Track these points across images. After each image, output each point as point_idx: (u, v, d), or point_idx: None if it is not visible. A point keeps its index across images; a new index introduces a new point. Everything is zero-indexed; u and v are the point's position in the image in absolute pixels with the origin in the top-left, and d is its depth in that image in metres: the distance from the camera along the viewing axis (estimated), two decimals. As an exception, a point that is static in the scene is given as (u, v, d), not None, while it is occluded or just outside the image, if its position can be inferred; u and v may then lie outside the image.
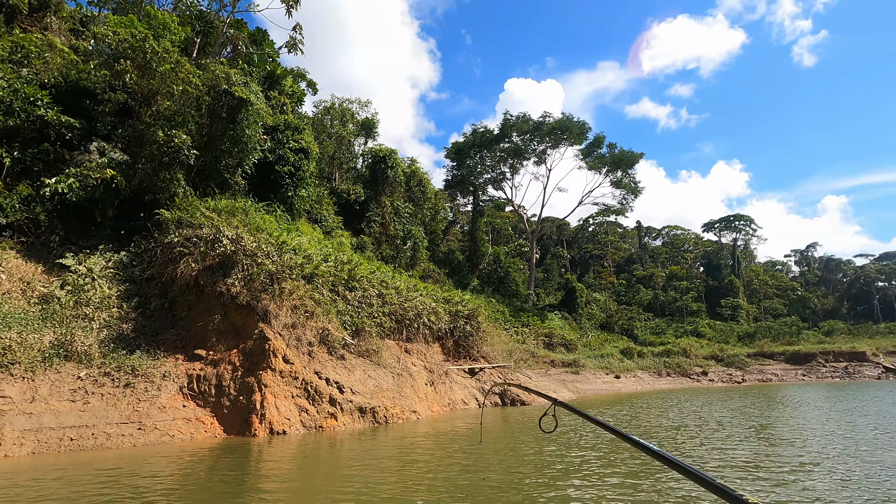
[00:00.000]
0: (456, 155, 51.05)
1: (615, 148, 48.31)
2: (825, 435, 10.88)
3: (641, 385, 34.92)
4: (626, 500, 6.07)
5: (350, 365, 12.80)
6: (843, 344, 44.33)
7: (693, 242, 77.69)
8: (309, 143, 20.55)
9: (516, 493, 6.35)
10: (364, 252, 30.76)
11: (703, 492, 6.40)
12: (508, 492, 6.44)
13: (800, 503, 5.86)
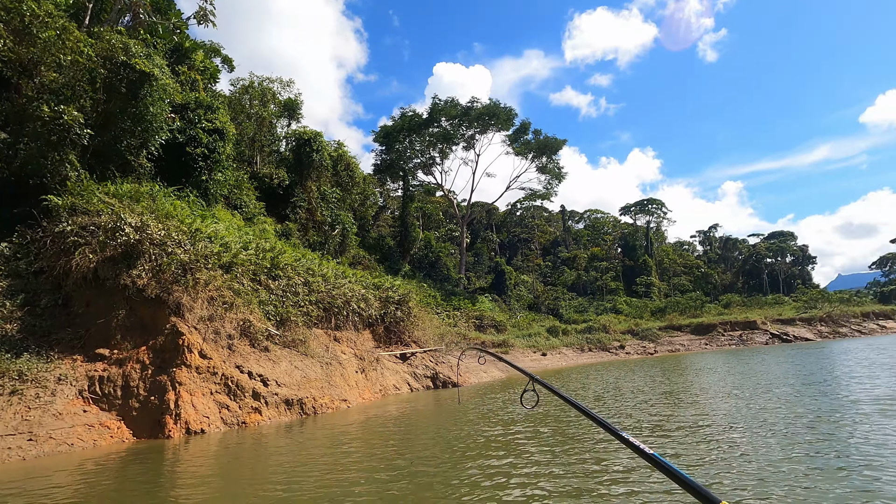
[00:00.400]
0: (385, 139, 50.23)
1: (540, 134, 49.86)
2: (719, 395, 12.09)
3: (566, 361, 36.88)
4: (558, 472, 6.36)
5: (275, 356, 12.29)
6: (739, 315, 49.45)
7: (612, 225, 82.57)
8: (224, 124, 19.19)
9: (448, 471, 6.45)
10: (290, 239, 29.54)
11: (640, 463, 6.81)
12: (437, 474, 6.52)
13: (696, 454, 6.46)
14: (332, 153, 38.46)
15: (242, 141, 36.26)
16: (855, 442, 6.71)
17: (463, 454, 7.50)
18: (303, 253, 18.68)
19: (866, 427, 7.54)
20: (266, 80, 41.15)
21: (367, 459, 7.48)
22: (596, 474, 6.02)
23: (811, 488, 5.01)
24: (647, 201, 78.42)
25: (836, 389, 11.70)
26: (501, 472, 6.42)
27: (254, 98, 37.99)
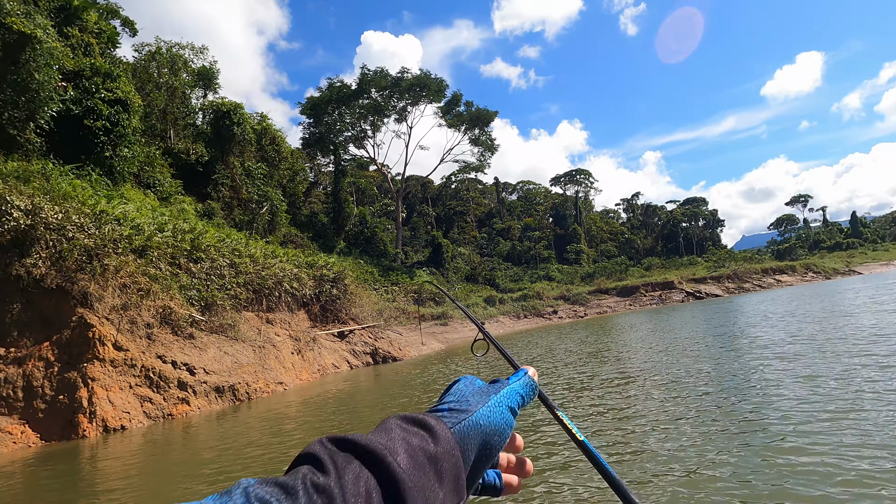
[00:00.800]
0: (312, 111, 48.01)
1: (472, 106, 49.83)
2: (639, 352, 13.03)
3: (504, 328, 38.14)
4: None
5: (202, 343, 11.64)
6: (658, 276, 53.29)
7: (543, 195, 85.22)
8: (128, 94, 17.35)
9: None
10: (213, 219, 27.80)
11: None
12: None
13: (618, 405, 6.94)
14: (256, 126, 36.23)
15: (153, 113, 33.22)
16: (754, 382, 7.49)
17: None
18: (227, 233, 17.61)
19: (761, 368, 8.44)
20: (176, 47, 37.74)
21: (308, 440, 7.34)
22: (532, 444, 6.30)
23: (718, 421, 5.55)
24: (576, 172, 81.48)
25: (737, 338, 12.98)
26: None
27: (162, 66, 34.73)
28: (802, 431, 5.02)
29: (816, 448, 4.50)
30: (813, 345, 10.05)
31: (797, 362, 8.47)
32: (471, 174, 66.77)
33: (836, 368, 7.55)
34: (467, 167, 55.92)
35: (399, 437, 0.51)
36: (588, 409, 7.22)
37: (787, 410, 5.79)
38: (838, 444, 4.53)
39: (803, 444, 4.67)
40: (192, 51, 39.16)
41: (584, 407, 7.41)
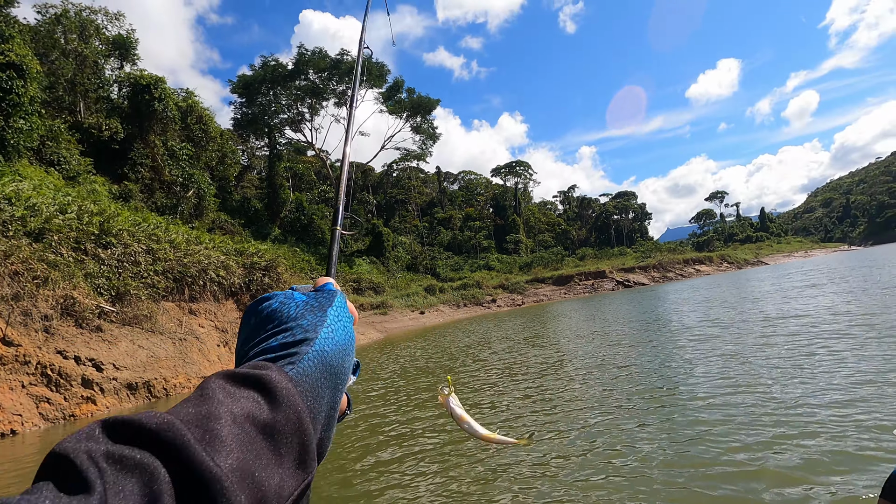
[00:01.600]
0: (244, 90, 45.40)
1: (414, 93, 49.23)
2: (570, 338, 13.47)
3: (443, 317, 38.33)
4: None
5: (111, 337, 10.63)
6: (591, 266, 55.69)
7: (484, 186, 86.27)
8: (23, 58, 15.36)
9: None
10: (130, 202, 25.62)
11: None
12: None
13: (554, 388, 7.07)
14: (181, 103, 33.63)
15: (59, 84, 29.93)
16: (671, 363, 7.90)
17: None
18: (144, 217, 16.20)
19: (677, 350, 8.94)
20: (86, 11, 34.12)
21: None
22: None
23: (642, 391, 5.76)
24: (516, 163, 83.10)
25: (659, 324, 13.74)
26: (372, 426, 6.34)
27: (70, 31, 31.26)
28: (710, 404, 5.31)
29: (716, 418, 4.76)
30: (724, 328, 10.79)
31: (710, 343, 9.05)
32: (412, 162, 66.27)
33: (741, 349, 8.12)
34: (409, 155, 55.39)
35: (220, 406, 0.37)
36: (519, 393, 7.29)
37: (695, 385, 6.12)
38: (737, 414, 4.81)
39: (707, 417, 4.93)
40: (106, 16, 35.67)
41: (517, 390, 7.48)
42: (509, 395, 7.38)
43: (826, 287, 17.14)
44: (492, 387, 8.17)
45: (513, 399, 7.14)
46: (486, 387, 8.22)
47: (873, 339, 7.44)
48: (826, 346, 7.51)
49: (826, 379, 5.80)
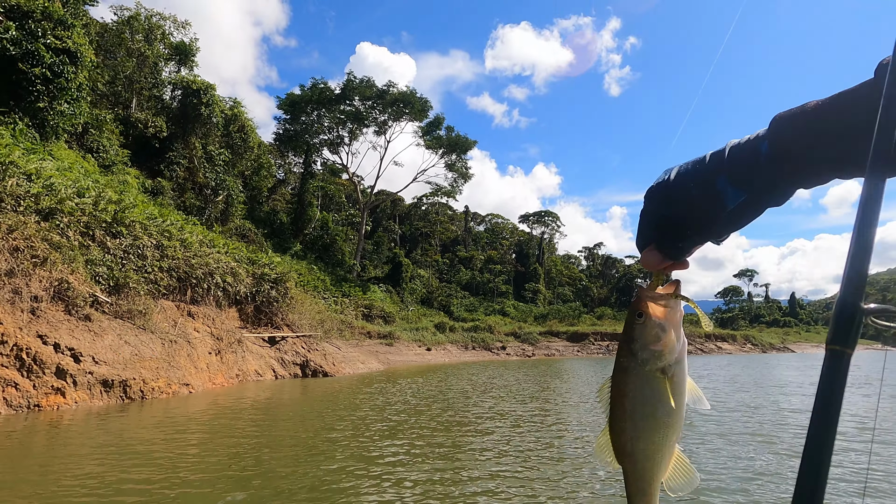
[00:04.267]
0: (290, 108, 46.85)
1: (452, 131, 49.93)
2: (572, 400, 12.46)
3: (449, 357, 37.18)
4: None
5: (98, 328, 10.23)
6: (609, 326, 53.89)
7: (510, 231, 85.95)
8: (80, 46, 15.92)
9: (302, 476, 5.45)
10: (159, 198, 26.01)
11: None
12: (289, 476, 5.49)
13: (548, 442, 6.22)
14: (227, 111, 34.72)
15: (118, 79, 31.34)
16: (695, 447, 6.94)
17: (315, 454, 6.54)
18: (163, 212, 16.16)
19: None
20: (156, 16, 36.11)
21: (182, 458, 6.20)
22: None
23: None
24: (545, 213, 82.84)
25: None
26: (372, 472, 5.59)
27: (137, 32, 32.99)
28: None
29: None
30: (737, 413, 9.71)
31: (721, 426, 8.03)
32: (442, 198, 66.62)
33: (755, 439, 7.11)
34: (439, 191, 55.65)
35: None
36: (511, 444, 6.44)
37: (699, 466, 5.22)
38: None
39: None
40: (174, 23, 37.64)
41: (507, 441, 6.63)
42: (497, 443, 6.54)
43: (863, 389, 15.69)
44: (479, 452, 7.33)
45: (492, 445, 6.30)
46: (475, 447, 7.38)
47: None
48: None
49: None
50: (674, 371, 0.64)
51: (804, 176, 0.56)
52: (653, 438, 0.64)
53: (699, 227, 0.64)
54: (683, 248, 0.67)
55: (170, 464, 5.95)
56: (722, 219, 0.62)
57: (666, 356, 0.64)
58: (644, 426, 0.64)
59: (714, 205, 0.61)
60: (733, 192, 0.60)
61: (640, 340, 0.64)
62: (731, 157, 0.60)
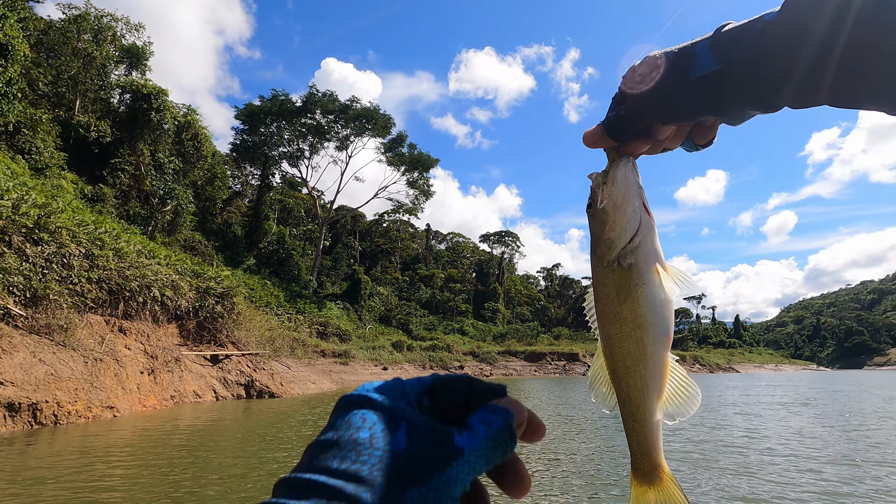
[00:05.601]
0: (248, 118, 45.66)
1: (415, 149, 49.99)
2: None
3: (406, 377, 36.35)
4: None
5: (9, 344, 9.18)
6: (566, 346, 54.56)
7: (471, 250, 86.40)
8: (12, 39, 14.79)
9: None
10: (98, 205, 24.42)
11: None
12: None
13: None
14: (179, 118, 33.32)
15: (61, 80, 29.54)
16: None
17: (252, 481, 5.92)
18: (95, 218, 14.99)
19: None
20: (108, 17, 34.53)
21: (84, 493, 5.47)
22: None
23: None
24: (505, 234, 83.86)
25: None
26: None
27: (84, 31, 31.35)
28: None
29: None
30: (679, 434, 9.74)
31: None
32: (403, 216, 66.26)
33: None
34: (400, 208, 55.30)
35: None
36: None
37: None
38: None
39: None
40: (127, 25, 36.11)
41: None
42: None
43: (807, 410, 16.29)
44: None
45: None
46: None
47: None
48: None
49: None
50: (632, 259, 0.54)
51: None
52: (626, 346, 0.55)
53: (651, 94, 0.52)
54: (623, 120, 0.54)
55: (66, 500, 5.22)
56: (679, 88, 0.50)
57: (615, 241, 0.54)
58: (615, 332, 0.55)
59: (676, 68, 0.51)
60: (707, 58, 0.49)
61: (594, 234, 0.57)
62: (725, 27, 0.50)
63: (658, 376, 0.55)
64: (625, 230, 0.54)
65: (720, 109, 0.50)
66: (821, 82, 0.44)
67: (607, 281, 0.55)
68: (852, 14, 0.40)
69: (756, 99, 0.48)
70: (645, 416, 0.55)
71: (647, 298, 0.54)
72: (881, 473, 6.61)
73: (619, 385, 0.56)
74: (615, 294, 0.55)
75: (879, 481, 6.19)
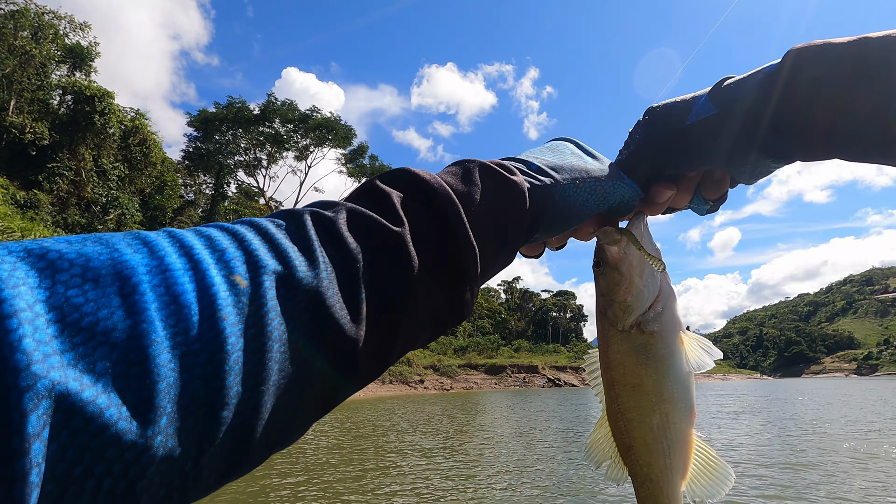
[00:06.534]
0: (202, 125, 44.08)
1: (377, 160, 49.68)
2: (490, 441, 12.11)
3: (364, 392, 35.58)
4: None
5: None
6: (525, 359, 55.07)
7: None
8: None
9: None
10: (31, 211, 22.77)
11: None
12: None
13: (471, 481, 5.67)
14: (126, 122, 31.68)
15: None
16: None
17: None
18: (25, 226, 13.85)
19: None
20: (49, 14, 32.65)
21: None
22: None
23: None
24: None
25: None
26: None
27: (21, 27, 29.48)
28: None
29: None
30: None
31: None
32: (364, 227, 65.30)
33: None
34: (361, 219, 54.49)
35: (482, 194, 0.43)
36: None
37: None
38: None
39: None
40: (71, 24, 34.26)
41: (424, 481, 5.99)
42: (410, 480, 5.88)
43: (755, 418, 16.94)
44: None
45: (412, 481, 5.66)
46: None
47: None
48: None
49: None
50: (655, 326, 0.50)
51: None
52: (648, 421, 0.50)
53: (650, 140, 0.51)
54: (623, 165, 0.54)
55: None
56: (676, 132, 0.49)
57: (634, 306, 0.50)
58: (634, 404, 0.50)
59: (674, 113, 0.50)
60: (704, 104, 0.49)
61: (605, 294, 0.53)
62: (726, 80, 0.50)
63: (684, 455, 0.51)
64: (642, 294, 0.50)
65: (724, 157, 0.48)
66: (814, 132, 0.43)
67: (624, 348, 0.51)
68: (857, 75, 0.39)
69: (755, 143, 0.47)
70: (668, 500, 0.50)
71: (675, 370, 0.50)
72: (815, 476, 6.84)
73: (637, 464, 0.51)
74: (635, 363, 0.50)
75: (813, 484, 6.40)
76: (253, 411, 0.27)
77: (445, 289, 0.39)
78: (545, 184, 0.47)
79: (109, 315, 0.23)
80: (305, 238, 0.33)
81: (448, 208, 0.39)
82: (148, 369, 0.23)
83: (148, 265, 0.25)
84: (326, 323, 0.31)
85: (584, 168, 0.50)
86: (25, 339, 0.20)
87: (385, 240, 0.36)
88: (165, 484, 0.24)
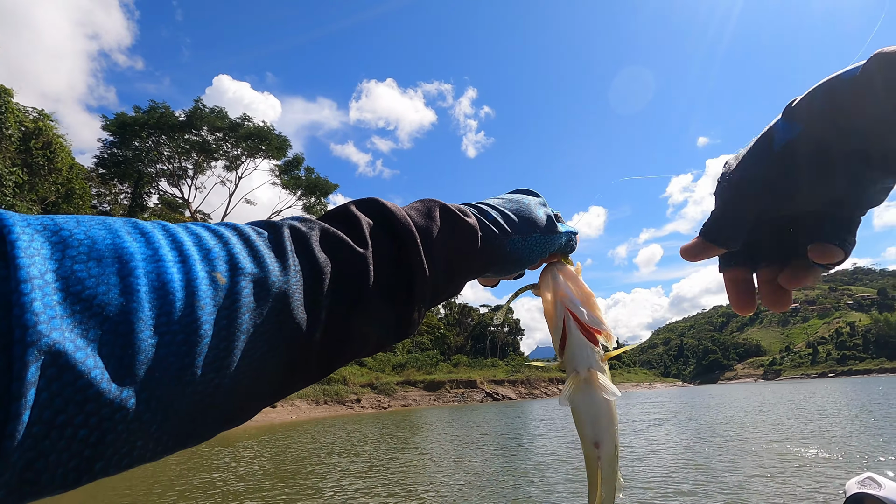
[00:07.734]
0: (119, 130, 40.83)
1: (313, 173, 48.34)
2: (420, 461, 11.78)
3: (298, 414, 33.87)
4: None
5: None
6: (464, 374, 55.11)
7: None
8: None
9: None
10: None
11: None
12: None
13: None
14: (28, 123, 28.59)
15: None
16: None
17: None
18: None
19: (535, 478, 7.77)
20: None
21: None
22: None
23: None
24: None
25: (525, 447, 12.70)
26: None
27: None
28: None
29: None
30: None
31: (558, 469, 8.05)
32: (299, 242, 63.01)
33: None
34: (296, 233, 52.57)
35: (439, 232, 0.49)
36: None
37: None
38: None
39: None
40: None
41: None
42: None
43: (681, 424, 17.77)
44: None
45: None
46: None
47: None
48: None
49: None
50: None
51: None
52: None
53: (739, 180, 0.46)
54: (717, 219, 0.50)
55: None
56: (764, 165, 0.44)
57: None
58: None
59: (757, 149, 0.45)
60: (783, 127, 0.43)
61: None
62: (794, 101, 0.44)
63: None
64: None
65: (822, 180, 0.41)
66: None
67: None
68: None
69: (856, 154, 0.39)
70: None
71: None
72: (731, 476, 7.16)
73: None
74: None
75: (727, 486, 6.67)
76: (215, 390, 0.32)
77: (396, 307, 0.44)
78: (496, 234, 0.54)
79: (106, 291, 0.27)
80: (281, 247, 0.37)
81: (408, 238, 0.44)
82: (131, 342, 0.27)
83: (144, 254, 0.30)
84: (289, 323, 0.36)
85: (535, 221, 0.57)
86: (35, 301, 0.24)
87: (350, 259, 0.40)
88: (131, 441, 0.28)
